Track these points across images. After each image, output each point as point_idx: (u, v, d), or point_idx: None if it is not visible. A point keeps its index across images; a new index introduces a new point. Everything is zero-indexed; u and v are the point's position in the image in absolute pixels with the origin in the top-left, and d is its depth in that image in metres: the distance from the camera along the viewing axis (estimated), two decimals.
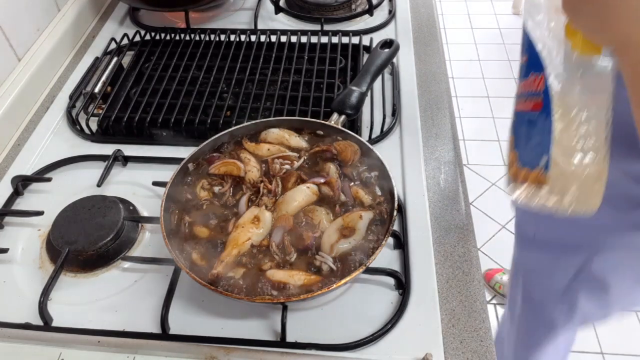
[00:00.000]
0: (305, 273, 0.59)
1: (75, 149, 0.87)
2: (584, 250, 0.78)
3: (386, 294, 0.65)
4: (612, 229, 0.71)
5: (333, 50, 1.02)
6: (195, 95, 0.92)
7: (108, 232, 0.69)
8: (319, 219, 0.64)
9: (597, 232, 0.74)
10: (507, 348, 1.25)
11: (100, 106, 0.94)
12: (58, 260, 0.66)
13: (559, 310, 0.93)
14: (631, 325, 1.78)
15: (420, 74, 1.00)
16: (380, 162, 0.69)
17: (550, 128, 0.47)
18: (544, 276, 0.90)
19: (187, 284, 0.66)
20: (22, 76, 0.95)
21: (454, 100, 2.56)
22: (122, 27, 1.17)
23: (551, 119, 0.47)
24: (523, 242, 0.98)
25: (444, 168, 0.82)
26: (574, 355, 1.70)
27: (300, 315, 0.63)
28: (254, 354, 0.58)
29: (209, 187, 0.70)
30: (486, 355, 0.60)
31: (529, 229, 0.91)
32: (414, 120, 0.89)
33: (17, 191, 0.79)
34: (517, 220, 0.99)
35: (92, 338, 0.60)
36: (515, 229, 1.00)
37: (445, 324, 0.63)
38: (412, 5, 1.19)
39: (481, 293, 0.66)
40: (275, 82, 0.96)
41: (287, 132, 0.76)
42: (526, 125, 0.51)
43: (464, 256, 0.70)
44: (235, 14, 1.20)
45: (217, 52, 1.03)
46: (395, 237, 0.69)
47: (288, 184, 0.68)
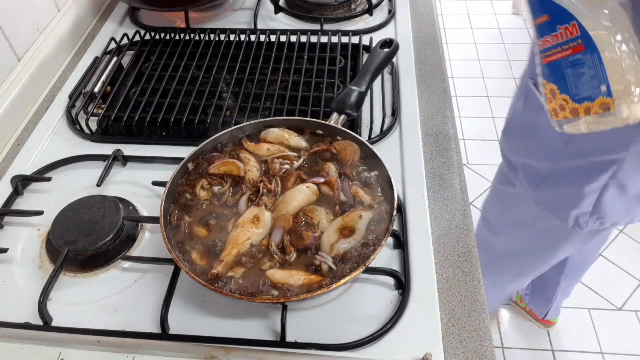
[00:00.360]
0: (305, 273, 0.59)
1: (75, 149, 0.87)
2: (615, 157, 0.87)
3: (386, 294, 0.65)
4: (637, 133, 0.82)
5: (333, 50, 1.02)
6: (195, 95, 0.92)
7: (108, 232, 0.69)
8: (319, 219, 0.64)
9: (627, 137, 0.84)
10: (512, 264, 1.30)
11: (100, 106, 0.94)
12: (58, 260, 0.66)
13: (584, 217, 1.00)
14: (631, 325, 1.78)
15: (420, 73, 1.00)
16: (380, 162, 0.69)
17: (601, 59, 0.57)
18: (574, 185, 0.96)
19: (187, 284, 0.66)
20: (22, 76, 0.95)
21: (454, 100, 2.56)
22: (122, 27, 1.17)
23: (598, 52, 0.57)
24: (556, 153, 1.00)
25: (444, 168, 0.82)
26: (574, 355, 1.71)
27: (300, 315, 0.63)
28: (254, 354, 0.58)
29: (209, 187, 0.70)
30: (486, 355, 0.60)
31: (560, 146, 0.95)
32: (414, 120, 0.89)
33: (17, 191, 0.79)
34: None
35: (92, 338, 0.60)
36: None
37: (445, 324, 0.63)
38: (412, 5, 1.19)
39: (481, 293, 0.66)
40: (275, 82, 0.96)
41: (287, 132, 0.76)
42: (571, 68, 0.60)
43: (464, 256, 0.70)
44: (235, 14, 1.20)
45: (217, 52, 1.03)
46: (395, 237, 0.69)
47: (288, 184, 0.68)
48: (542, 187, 1.02)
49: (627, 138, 0.84)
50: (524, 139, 1.05)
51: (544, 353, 1.73)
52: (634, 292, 1.87)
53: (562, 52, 0.61)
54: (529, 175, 1.05)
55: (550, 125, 0.86)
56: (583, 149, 0.91)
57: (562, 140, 0.92)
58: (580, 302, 1.85)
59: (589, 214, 0.98)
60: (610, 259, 1.98)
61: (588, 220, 0.99)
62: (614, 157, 0.87)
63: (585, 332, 1.77)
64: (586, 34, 0.58)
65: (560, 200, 1.00)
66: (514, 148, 1.10)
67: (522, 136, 1.05)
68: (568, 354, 1.72)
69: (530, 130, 1.01)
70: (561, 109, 0.64)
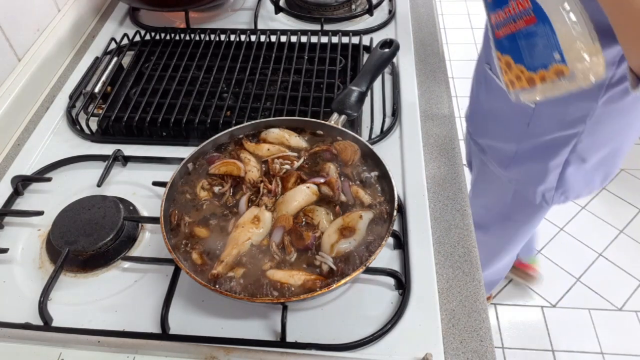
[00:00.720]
0: (305, 273, 0.59)
1: (75, 149, 0.87)
2: (573, 131, 0.94)
3: (386, 294, 0.65)
4: (594, 108, 0.89)
5: (333, 50, 1.02)
6: (195, 95, 0.92)
7: (108, 232, 0.69)
8: (319, 219, 0.64)
9: (584, 112, 0.90)
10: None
11: (100, 106, 0.94)
12: (58, 260, 0.66)
13: (549, 191, 1.07)
14: (631, 325, 1.78)
15: (420, 73, 1.00)
16: (380, 162, 0.69)
17: (552, 29, 0.60)
18: (538, 161, 1.02)
19: (187, 284, 0.66)
20: (22, 76, 0.95)
21: (454, 100, 2.56)
22: (122, 27, 1.17)
23: (550, 22, 0.60)
24: (518, 137, 1.05)
25: (444, 168, 0.82)
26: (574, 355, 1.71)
27: (300, 315, 0.63)
28: (254, 354, 0.58)
29: (209, 187, 0.70)
30: (486, 355, 0.60)
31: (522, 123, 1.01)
32: (414, 120, 0.89)
33: (17, 191, 0.79)
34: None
35: (92, 338, 0.60)
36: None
37: (445, 324, 0.63)
38: (412, 5, 1.19)
39: (481, 293, 0.66)
40: (275, 82, 0.96)
41: (287, 132, 0.76)
42: (525, 39, 0.63)
43: (464, 256, 0.70)
44: (235, 14, 1.20)
45: (217, 52, 1.03)
46: (395, 237, 0.69)
47: (288, 184, 0.68)
48: (511, 167, 1.07)
49: (584, 113, 0.90)
50: (487, 122, 1.10)
51: (544, 353, 1.73)
52: (634, 292, 1.87)
53: (515, 24, 0.64)
54: (496, 157, 1.10)
55: (511, 109, 0.96)
56: (544, 128, 0.96)
57: (523, 122, 0.98)
58: (580, 302, 1.85)
59: (553, 188, 1.04)
60: (610, 259, 1.98)
61: (553, 195, 1.06)
62: (572, 131, 0.93)
63: (585, 332, 1.77)
64: (537, 5, 0.61)
65: (528, 178, 1.06)
66: (478, 131, 1.15)
67: (486, 120, 1.10)
68: (568, 354, 1.72)
69: (493, 114, 1.06)
70: (517, 79, 0.67)
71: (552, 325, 1.79)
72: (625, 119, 0.93)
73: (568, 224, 2.11)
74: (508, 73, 0.68)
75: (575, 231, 2.08)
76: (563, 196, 1.07)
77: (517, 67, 0.66)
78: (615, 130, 0.95)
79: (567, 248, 2.03)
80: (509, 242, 1.40)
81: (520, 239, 1.38)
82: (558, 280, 1.93)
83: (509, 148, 1.05)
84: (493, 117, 1.07)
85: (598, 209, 2.16)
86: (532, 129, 0.97)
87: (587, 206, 2.17)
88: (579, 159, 0.98)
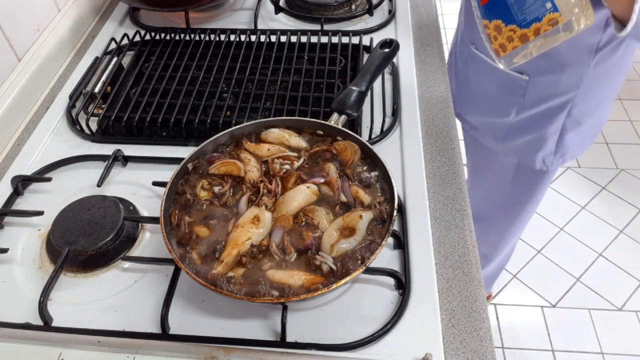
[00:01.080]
0: (305, 273, 0.59)
1: (75, 149, 0.87)
2: (568, 96, 0.99)
3: (386, 294, 0.65)
4: (586, 72, 0.94)
5: (333, 50, 1.02)
6: (195, 95, 0.92)
7: (108, 232, 0.69)
8: (319, 219, 0.64)
9: (577, 77, 0.95)
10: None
11: (100, 106, 0.94)
12: (58, 260, 0.66)
13: (549, 156, 1.10)
14: (631, 325, 1.78)
15: (420, 74, 1.00)
16: (380, 162, 0.69)
17: None
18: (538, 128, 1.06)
19: (187, 284, 0.66)
20: (22, 76, 0.95)
21: None
22: (122, 27, 1.17)
23: None
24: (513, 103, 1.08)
25: (444, 168, 0.82)
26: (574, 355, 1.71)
27: (300, 315, 0.63)
28: (254, 354, 0.58)
29: (209, 187, 0.70)
30: (486, 355, 0.60)
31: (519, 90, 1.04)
32: (414, 120, 0.89)
33: (17, 191, 0.79)
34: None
35: (92, 338, 0.60)
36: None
37: (445, 324, 0.63)
38: (412, 5, 1.19)
39: (481, 293, 0.66)
40: (275, 82, 0.96)
41: (287, 132, 0.76)
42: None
43: (464, 256, 0.70)
44: (235, 14, 1.20)
45: (217, 52, 1.03)
46: (395, 237, 0.69)
47: (288, 184, 0.68)
48: (507, 139, 1.10)
49: (577, 78, 0.95)
50: (478, 100, 1.12)
51: (544, 353, 1.73)
52: (634, 292, 1.87)
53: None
54: (491, 132, 1.13)
55: (505, 83, 0.99)
56: (540, 96, 0.99)
57: (518, 95, 1.01)
58: (580, 302, 1.85)
59: (552, 153, 1.08)
60: (610, 259, 1.98)
61: (552, 159, 1.10)
62: (567, 97, 0.98)
63: (585, 332, 1.77)
64: None
65: (526, 147, 1.09)
66: (468, 110, 1.17)
67: (476, 98, 1.13)
68: (568, 354, 1.72)
69: (484, 92, 1.09)
70: (509, 40, 0.69)
71: (552, 325, 1.79)
72: (612, 78, 1.00)
73: (568, 224, 2.11)
74: (498, 38, 0.70)
75: (575, 231, 2.08)
76: (561, 159, 1.11)
77: (508, 28, 0.68)
78: (605, 90, 1.01)
79: (567, 248, 2.03)
80: (511, 229, 1.41)
81: (521, 223, 1.39)
82: (558, 280, 1.93)
83: (504, 122, 1.08)
84: (485, 95, 1.09)
85: (598, 209, 2.16)
86: (527, 99, 1.01)
87: (587, 206, 2.17)
88: (575, 123, 1.03)
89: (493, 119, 1.10)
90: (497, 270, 1.67)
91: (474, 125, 1.17)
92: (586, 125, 1.05)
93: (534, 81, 0.97)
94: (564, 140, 1.06)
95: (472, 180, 1.37)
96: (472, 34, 1.05)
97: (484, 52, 1.02)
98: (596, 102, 1.02)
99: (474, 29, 1.00)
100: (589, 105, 1.01)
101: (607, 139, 2.43)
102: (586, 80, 0.95)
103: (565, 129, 1.04)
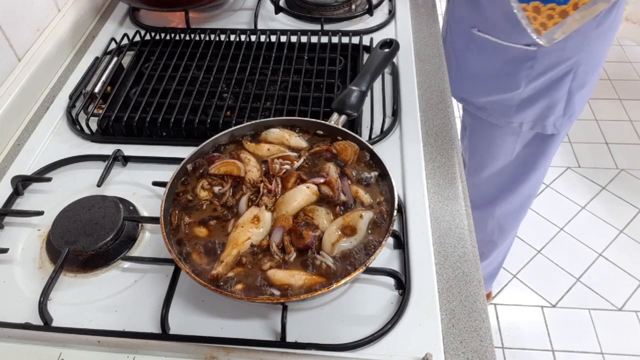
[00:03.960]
0: (305, 273, 0.59)
1: (75, 149, 0.87)
2: (572, 61, 1.05)
3: (386, 294, 0.65)
4: (590, 35, 1.00)
5: (333, 50, 1.02)
6: (195, 95, 0.92)
7: (108, 232, 0.69)
8: (319, 219, 0.64)
9: (581, 40, 1.01)
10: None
11: (100, 106, 0.94)
12: (58, 260, 0.66)
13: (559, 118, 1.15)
14: (631, 325, 1.78)
15: (420, 74, 1.00)
16: (380, 162, 0.69)
17: None
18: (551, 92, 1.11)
19: (187, 284, 0.66)
20: (22, 76, 0.95)
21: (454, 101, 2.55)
22: (122, 27, 1.17)
23: None
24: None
25: (444, 168, 0.82)
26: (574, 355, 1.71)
27: (300, 315, 0.63)
28: (254, 354, 0.58)
29: (209, 187, 0.70)
30: (486, 355, 0.60)
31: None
32: (414, 120, 0.89)
33: (17, 191, 0.79)
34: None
35: (92, 338, 0.60)
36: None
37: (445, 324, 0.63)
38: (412, 5, 1.19)
39: (481, 293, 0.66)
40: (275, 82, 0.96)
41: (287, 132, 0.76)
42: None
43: (464, 256, 0.70)
44: (235, 14, 1.20)
45: (217, 52, 1.03)
46: (395, 237, 0.69)
47: (288, 184, 0.68)
48: (519, 111, 1.14)
49: (581, 41, 1.00)
50: (484, 81, 1.16)
51: (544, 353, 1.73)
52: (634, 292, 1.87)
53: None
54: (502, 108, 1.16)
55: (511, 59, 1.04)
56: (548, 65, 1.04)
57: (526, 67, 1.05)
58: (580, 302, 1.85)
59: (561, 116, 1.14)
60: (610, 259, 1.98)
61: (562, 121, 1.15)
62: (573, 60, 1.04)
63: (585, 332, 1.77)
64: None
65: (538, 115, 1.14)
66: (473, 92, 1.20)
67: (481, 79, 1.16)
68: (568, 354, 1.72)
69: (490, 72, 1.12)
70: (549, 18, 0.73)
71: (552, 325, 1.80)
72: (609, 35, 1.06)
73: (568, 224, 2.11)
74: (538, 18, 0.74)
75: (575, 231, 2.08)
76: (569, 120, 1.15)
77: (547, 7, 0.73)
78: (604, 48, 1.08)
79: (567, 248, 2.03)
80: (520, 206, 1.43)
81: (529, 196, 1.41)
82: (558, 280, 1.93)
83: (514, 95, 1.11)
84: (491, 74, 1.13)
85: (598, 209, 2.16)
86: (536, 70, 1.05)
87: (587, 206, 2.17)
88: (580, 83, 1.09)
89: (502, 94, 1.13)
90: (502, 258, 1.68)
91: (480, 106, 1.20)
92: (589, 84, 1.11)
93: (541, 51, 1.01)
94: (572, 101, 1.10)
95: (476, 164, 1.38)
96: (472, 17, 1.09)
97: (488, 33, 1.06)
98: (597, 61, 1.08)
99: (474, 13, 1.04)
100: (591, 65, 1.06)
101: (607, 139, 2.43)
102: (589, 43, 1.00)
103: (572, 91, 1.09)
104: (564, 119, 1.14)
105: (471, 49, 1.12)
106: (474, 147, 1.36)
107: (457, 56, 1.19)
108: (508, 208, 1.43)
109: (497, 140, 1.25)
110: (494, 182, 1.37)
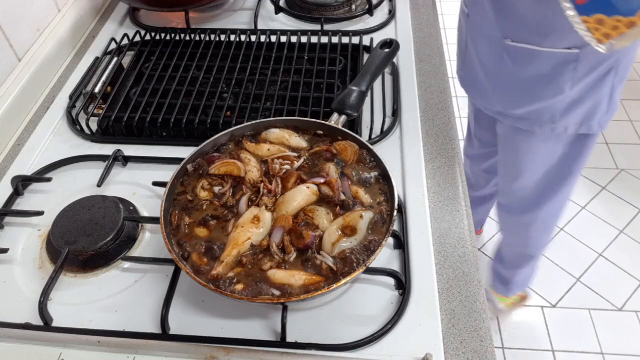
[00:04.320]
0: (305, 273, 0.59)
1: (75, 149, 0.87)
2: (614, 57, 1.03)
3: (386, 294, 0.65)
4: None
5: (333, 50, 1.02)
6: (195, 95, 0.92)
7: (108, 232, 0.69)
8: (319, 219, 0.64)
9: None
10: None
11: (100, 106, 0.94)
12: (58, 260, 0.66)
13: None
14: (631, 325, 1.78)
15: (420, 74, 1.00)
16: (380, 162, 0.69)
17: None
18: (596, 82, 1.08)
19: (187, 284, 0.66)
20: (22, 76, 0.95)
21: (454, 100, 2.56)
22: (122, 27, 1.17)
23: None
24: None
25: (444, 168, 0.82)
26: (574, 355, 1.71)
27: (300, 315, 0.63)
28: (254, 354, 0.58)
29: (209, 187, 0.70)
30: (486, 355, 0.60)
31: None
32: (414, 120, 0.89)
33: (17, 191, 0.79)
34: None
35: (92, 338, 0.60)
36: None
37: (445, 324, 0.63)
38: (412, 5, 1.19)
39: (481, 293, 0.66)
40: (275, 82, 0.96)
41: (287, 132, 0.76)
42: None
43: (464, 256, 0.70)
44: (235, 14, 1.20)
45: (217, 52, 1.03)
46: (395, 237, 0.69)
47: (288, 184, 0.68)
48: (565, 115, 1.12)
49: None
50: (522, 91, 1.13)
51: (544, 353, 1.73)
52: (634, 292, 1.87)
53: None
54: (547, 114, 1.13)
55: (553, 63, 1.04)
56: (591, 64, 1.03)
57: (570, 70, 1.04)
58: (580, 302, 1.85)
59: (605, 112, 1.12)
60: (610, 259, 1.98)
61: (605, 118, 1.13)
62: (615, 57, 1.02)
63: (585, 332, 1.77)
64: None
65: (585, 115, 1.12)
66: (512, 104, 1.17)
67: (519, 90, 1.13)
68: (568, 354, 1.72)
69: (528, 79, 1.09)
70: (614, 29, 0.74)
71: (552, 325, 1.79)
72: None
73: (568, 224, 2.11)
74: (600, 29, 0.74)
75: (575, 231, 2.08)
76: (609, 115, 1.14)
77: (613, 19, 0.73)
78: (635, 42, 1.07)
79: (567, 248, 2.02)
80: (560, 207, 1.42)
81: (568, 194, 1.39)
82: (558, 280, 1.93)
83: (558, 100, 1.09)
84: (530, 82, 1.10)
85: (598, 209, 2.15)
86: (579, 71, 1.03)
87: (587, 206, 2.17)
88: (620, 81, 1.09)
89: (545, 101, 1.11)
90: (537, 261, 1.67)
91: (520, 116, 1.17)
92: (627, 76, 1.11)
93: (584, 52, 1.00)
94: (614, 96, 1.10)
95: (515, 172, 1.35)
96: (504, 28, 1.06)
97: (524, 41, 1.04)
98: (633, 54, 1.08)
99: (507, 23, 1.03)
100: (629, 58, 1.07)
101: (607, 139, 2.43)
102: None
103: (614, 86, 1.08)
104: (606, 115, 1.13)
105: (505, 60, 1.09)
106: (510, 156, 1.33)
107: (487, 71, 1.15)
108: (550, 211, 1.41)
109: (534, 147, 1.23)
110: (535, 188, 1.34)
